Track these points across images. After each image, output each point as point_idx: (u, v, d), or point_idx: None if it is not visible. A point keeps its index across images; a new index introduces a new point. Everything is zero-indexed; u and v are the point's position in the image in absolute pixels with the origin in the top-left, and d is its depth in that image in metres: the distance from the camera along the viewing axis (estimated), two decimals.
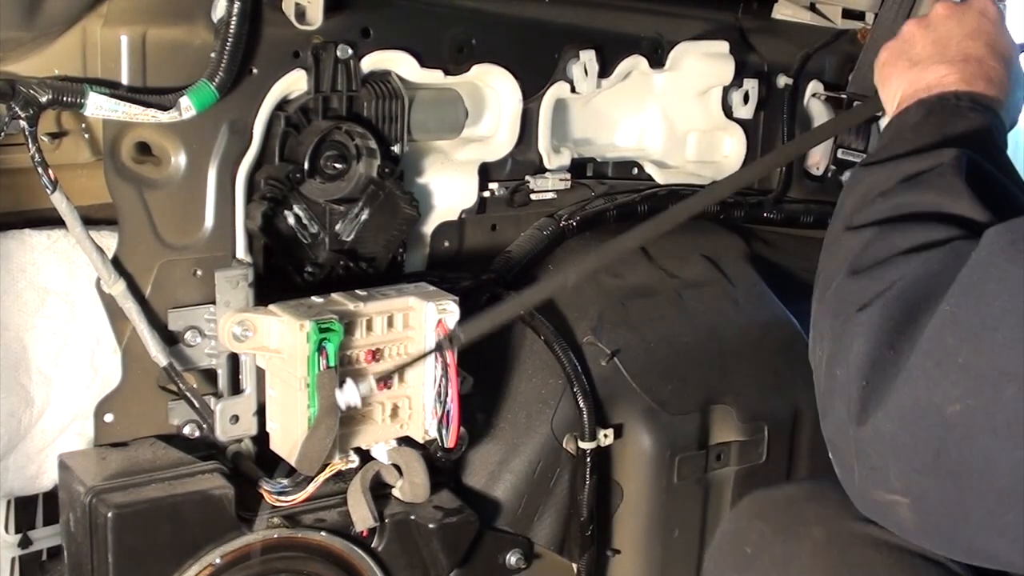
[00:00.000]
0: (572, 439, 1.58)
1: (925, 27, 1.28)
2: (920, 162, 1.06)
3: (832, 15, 1.97)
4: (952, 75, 1.18)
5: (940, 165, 1.04)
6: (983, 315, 0.85)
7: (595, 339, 1.63)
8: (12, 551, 1.49)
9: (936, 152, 1.06)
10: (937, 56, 1.22)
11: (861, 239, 1.02)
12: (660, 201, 1.78)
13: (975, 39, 1.23)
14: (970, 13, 1.27)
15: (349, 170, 1.47)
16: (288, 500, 1.39)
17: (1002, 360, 0.84)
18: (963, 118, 1.13)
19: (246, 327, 1.32)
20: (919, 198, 1.02)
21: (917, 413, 0.87)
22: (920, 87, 1.20)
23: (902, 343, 0.90)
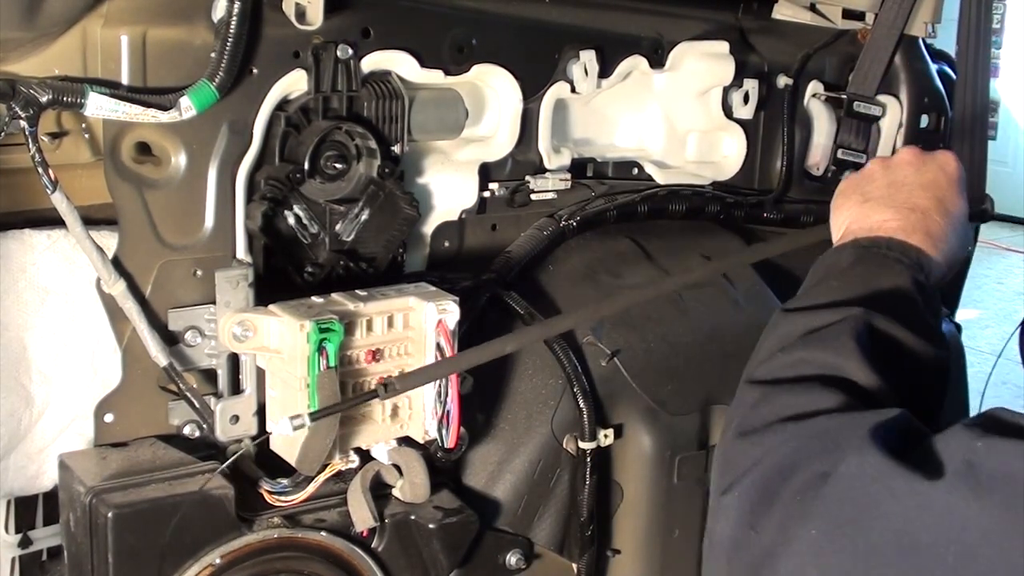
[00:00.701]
0: (572, 439, 1.58)
1: (886, 167, 1.31)
2: (827, 316, 1.07)
3: (832, 15, 1.97)
4: (894, 221, 1.21)
5: (841, 322, 1.06)
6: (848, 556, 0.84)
7: (595, 339, 1.63)
8: (12, 551, 1.49)
9: (846, 308, 1.08)
10: (887, 199, 1.25)
11: (754, 396, 1.03)
12: (660, 201, 1.78)
13: (926, 191, 1.26)
14: (930, 165, 1.30)
15: (349, 170, 1.47)
16: (288, 500, 1.39)
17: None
18: (888, 271, 1.15)
19: (246, 327, 1.32)
20: (814, 356, 1.03)
21: None
22: (864, 225, 1.23)
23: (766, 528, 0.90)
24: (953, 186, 1.29)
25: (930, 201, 1.25)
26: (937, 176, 1.29)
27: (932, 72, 2.04)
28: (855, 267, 1.17)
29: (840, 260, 1.19)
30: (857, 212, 1.27)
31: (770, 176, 1.94)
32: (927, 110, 2.03)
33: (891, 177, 1.29)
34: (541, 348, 1.59)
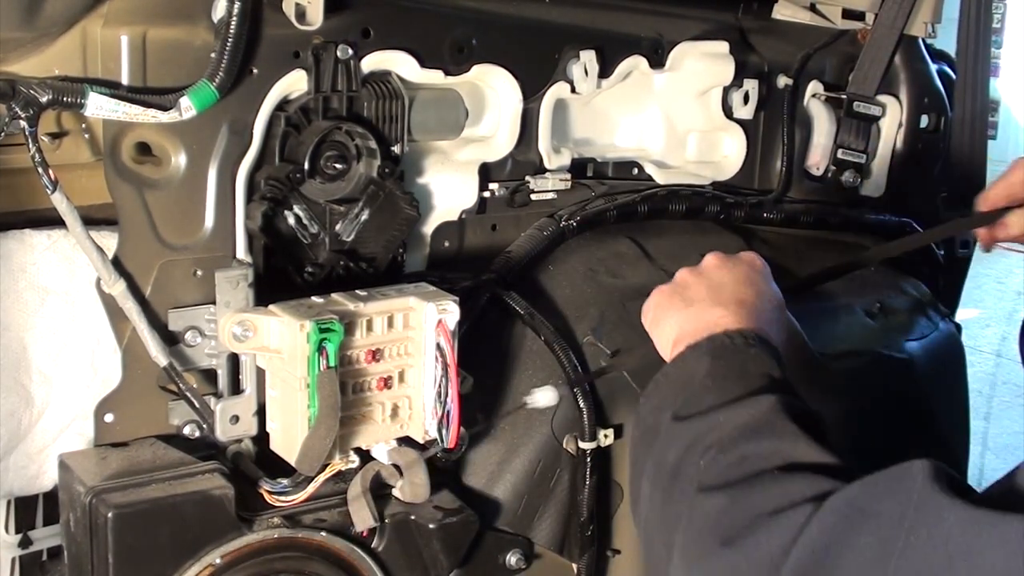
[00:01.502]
0: (572, 439, 1.58)
1: (698, 275, 1.35)
2: (741, 412, 1.08)
3: (832, 15, 1.97)
4: (728, 317, 1.25)
5: (765, 413, 1.07)
6: None
7: (595, 339, 1.63)
8: (12, 551, 1.49)
9: (751, 400, 1.09)
10: (712, 299, 1.29)
11: (718, 503, 1.01)
12: (660, 201, 1.78)
13: (747, 286, 1.32)
14: (740, 265, 1.36)
15: (349, 170, 1.48)
16: (288, 500, 1.39)
17: None
18: (750, 358, 1.17)
19: (246, 327, 1.32)
20: (759, 449, 1.03)
21: None
22: (699, 327, 1.25)
23: None
24: (765, 278, 1.37)
25: (752, 294, 1.30)
26: (748, 272, 1.35)
27: (932, 72, 2.04)
28: (717, 364, 1.17)
29: (695, 367, 1.19)
30: (684, 318, 1.29)
31: (770, 176, 1.94)
32: (927, 110, 2.03)
33: (708, 281, 1.33)
34: (541, 348, 1.59)
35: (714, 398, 1.12)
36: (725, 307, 1.27)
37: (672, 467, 1.09)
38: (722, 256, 1.39)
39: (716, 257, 1.39)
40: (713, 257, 1.39)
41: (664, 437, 1.13)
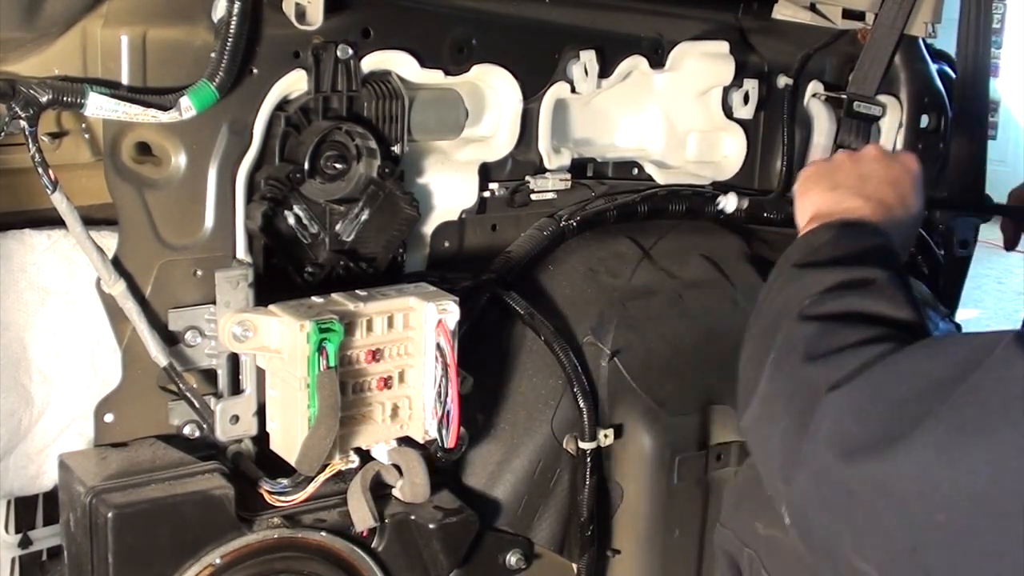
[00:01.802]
0: (572, 439, 1.58)
1: (854, 160, 1.40)
2: (855, 272, 1.16)
3: (832, 15, 1.97)
4: (864, 210, 1.30)
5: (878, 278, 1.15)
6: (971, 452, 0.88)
7: (595, 339, 1.63)
8: (12, 551, 1.49)
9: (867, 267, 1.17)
10: (856, 189, 1.33)
11: (813, 329, 1.10)
12: (660, 201, 1.78)
13: (893, 187, 1.35)
14: (897, 165, 1.39)
15: (349, 170, 1.48)
16: (288, 500, 1.39)
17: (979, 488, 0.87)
18: (871, 237, 1.25)
19: (246, 327, 1.32)
20: (863, 302, 1.11)
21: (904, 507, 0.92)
22: (834, 210, 1.31)
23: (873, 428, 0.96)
24: (915, 185, 1.37)
25: (895, 197, 1.33)
26: (901, 174, 1.37)
27: (932, 72, 2.04)
28: (840, 237, 1.24)
29: (817, 239, 1.26)
30: (826, 198, 1.34)
31: (770, 176, 1.94)
32: (927, 110, 2.03)
33: (860, 169, 1.37)
34: (541, 348, 1.59)
35: (833, 256, 1.20)
36: (865, 200, 1.31)
37: (782, 302, 1.18)
38: (883, 150, 1.43)
39: (877, 149, 1.43)
40: (874, 148, 1.43)
41: (781, 280, 1.22)
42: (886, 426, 0.94)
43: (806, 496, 1.02)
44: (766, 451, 1.12)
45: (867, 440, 0.95)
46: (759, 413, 1.14)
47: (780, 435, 1.07)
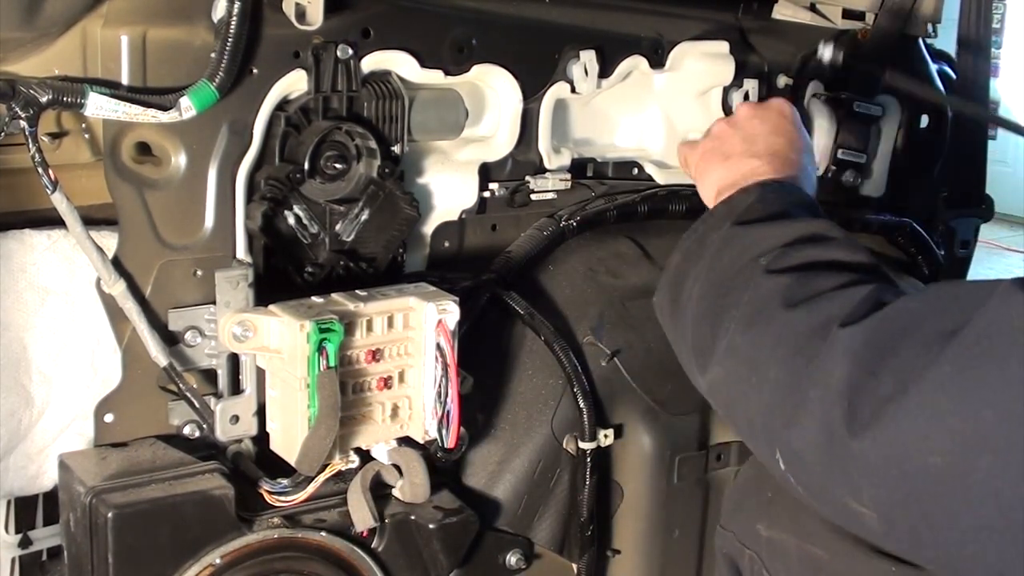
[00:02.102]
0: (572, 439, 1.58)
1: (733, 126, 1.46)
2: (804, 227, 1.20)
3: (832, 15, 1.97)
4: (764, 167, 1.37)
5: (825, 229, 1.20)
6: (982, 388, 0.89)
7: (595, 339, 1.63)
8: (12, 551, 1.49)
9: (807, 220, 1.22)
10: (747, 151, 1.41)
11: (786, 280, 1.12)
12: (660, 201, 1.78)
13: (778, 135, 1.42)
14: (771, 113, 1.45)
15: (349, 170, 1.48)
16: (288, 500, 1.39)
17: (987, 430, 0.88)
18: (789, 191, 1.31)
19: (246, 327, 1.32)
20: (828, 254, 1.15)
21: (901, 453, 0.93)
22: (737, 178, 1.36)
23: (885, 375, 0.96)
24: (794, 124, 1.47)
25: (785, 143, 1.42)
26: (779, 120, 1.45)
27: (932, 72, 2.04)
28: (764, 199, 1.29)
29: (743, 199, 1.30)
30: (723, 170, 1.40)
31: None
32: (927, 110, 2.03)
33: (741, 133, 1.44)
34: (541, 348, 1.59)
35: (769, 213, 1.24)
36: (760, 158, 1.38)
37: (730, 263, 1.20)
38: (753, 106, 1.49)
39: (748, 107, 1.49)
40: (745, 108, 1.48)
41: (719, 243, 1.23)
42: (897, 371, 0.94)
43: (809, 443, 1.01)
44: (746, 406, 1.11)
45: (878, 390, 0.95)
46: (728, 371, 1.14)
47: (769, 387, 1.06)
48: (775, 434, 1.07)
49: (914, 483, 0.92)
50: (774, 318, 1.09)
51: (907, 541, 0.98)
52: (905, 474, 0.93)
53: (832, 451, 0.99)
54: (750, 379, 1.10)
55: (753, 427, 1.12)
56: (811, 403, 1.01)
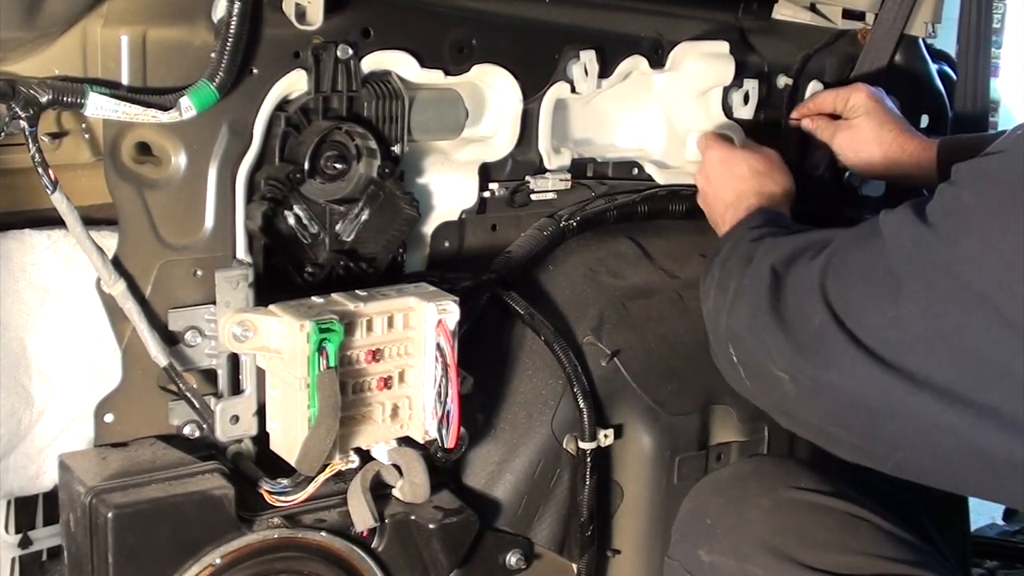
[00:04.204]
0: (572, 439, 1.58)
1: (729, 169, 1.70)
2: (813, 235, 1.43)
3: (832, 15, 1.97)
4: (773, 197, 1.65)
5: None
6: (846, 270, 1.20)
7: (595, 339, 1.63)
8: (12, 551, 1.48)
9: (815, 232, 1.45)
10: (754, 192, 1.65)
11: (753, 234, 1.42)
12: (660, 201, 1.78)
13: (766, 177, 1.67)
14: (763, 156, 1.71)
15: (349, 170, 1.48)
16: (288, 500, 1.39)
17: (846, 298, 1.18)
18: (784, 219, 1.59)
19: (246, 327, 1.32)
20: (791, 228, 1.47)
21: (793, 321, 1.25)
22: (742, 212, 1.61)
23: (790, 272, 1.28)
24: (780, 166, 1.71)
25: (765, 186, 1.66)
26: (768, 164, 1.69)
27: (932, 72, 2.04)
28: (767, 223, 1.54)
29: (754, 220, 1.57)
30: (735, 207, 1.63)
31: None
32: (927, 110, 2.03)
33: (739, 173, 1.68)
34: (541, 348, 1.59)
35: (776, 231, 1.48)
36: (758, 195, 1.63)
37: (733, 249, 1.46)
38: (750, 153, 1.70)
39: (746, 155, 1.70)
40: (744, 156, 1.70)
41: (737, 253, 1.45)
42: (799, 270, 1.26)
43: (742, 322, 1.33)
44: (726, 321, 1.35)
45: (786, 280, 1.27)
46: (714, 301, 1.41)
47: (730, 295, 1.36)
48: (727, 326, 1.34)
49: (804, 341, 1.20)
50: (739, 251, 1.40)
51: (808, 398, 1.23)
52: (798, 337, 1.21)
53: (755, 325, 1.27)
54: (720, 297, 1.37)
55: (717, 335, 1.38)
56: (745, 291, 1.31)
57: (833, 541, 1.35)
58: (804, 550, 1.34)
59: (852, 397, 1.16)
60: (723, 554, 1.39)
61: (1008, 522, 2.61)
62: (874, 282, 1.13)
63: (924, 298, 1.08)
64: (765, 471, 1.48)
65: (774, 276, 1.27)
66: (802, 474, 1.46)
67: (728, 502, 1.44)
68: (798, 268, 1.25)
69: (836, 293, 1.17)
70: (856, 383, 1.15)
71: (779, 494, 1.41)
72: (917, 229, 1.10)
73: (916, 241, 1.10)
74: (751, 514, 1.40)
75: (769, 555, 1.34)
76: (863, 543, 1.35)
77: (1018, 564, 2.38)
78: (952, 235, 1.07)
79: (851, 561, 1.32)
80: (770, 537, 1.36)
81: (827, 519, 1.38)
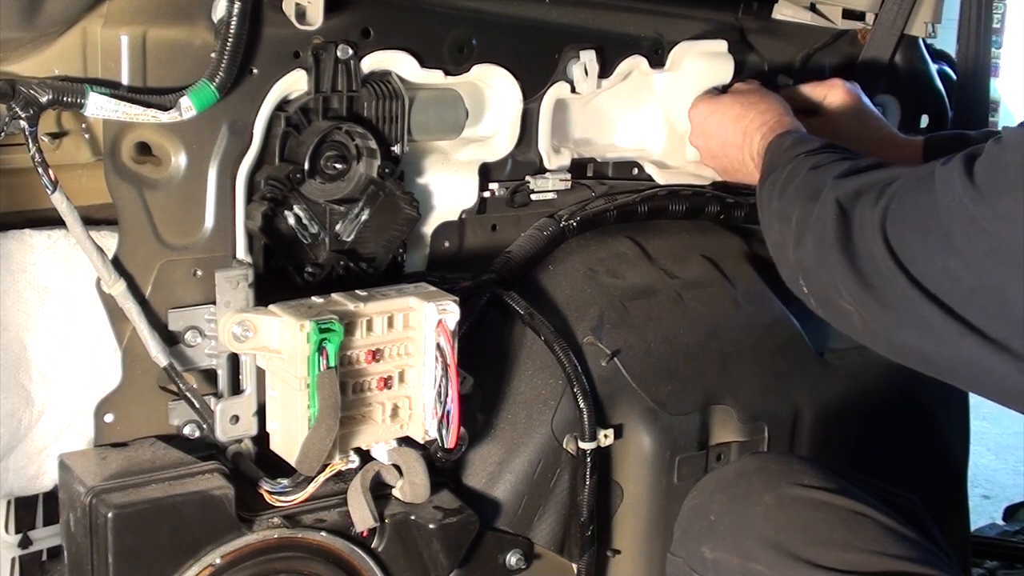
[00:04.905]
0: (572, 439, 1.58)
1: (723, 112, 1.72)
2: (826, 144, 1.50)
3: (832, 15, 1.97)
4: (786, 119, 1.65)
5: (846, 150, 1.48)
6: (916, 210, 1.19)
7: (595, 339, 1.63)
8: (12, 551, 1.48)
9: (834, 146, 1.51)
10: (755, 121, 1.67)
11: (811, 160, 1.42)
12: (660, 201, 1.78)
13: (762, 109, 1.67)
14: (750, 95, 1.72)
15: (349, 170, 1.48)
16: (288, 500, 1.39)
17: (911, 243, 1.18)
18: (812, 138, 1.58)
19: (246, 327, 1.32)
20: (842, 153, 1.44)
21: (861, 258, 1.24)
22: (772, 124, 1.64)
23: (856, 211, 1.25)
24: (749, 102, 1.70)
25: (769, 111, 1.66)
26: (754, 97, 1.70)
27: (932, 72, 2.04)
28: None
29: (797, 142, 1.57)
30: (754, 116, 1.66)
31: None
32: (927, 110, 2.03)
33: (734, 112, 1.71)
34: (541, 348, 1.59)
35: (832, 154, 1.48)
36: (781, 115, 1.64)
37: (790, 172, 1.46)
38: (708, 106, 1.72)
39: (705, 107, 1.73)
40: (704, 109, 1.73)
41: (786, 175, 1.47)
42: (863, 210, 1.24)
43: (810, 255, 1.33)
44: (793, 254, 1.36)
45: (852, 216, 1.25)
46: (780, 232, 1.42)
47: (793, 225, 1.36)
48: (796, 259, 1.34)
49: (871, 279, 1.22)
50: (800, 180, 1.40)
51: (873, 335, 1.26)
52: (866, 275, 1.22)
53: (824, 258, 1.28)
54: (785, 228, 1.38)
55: (787, 266, 1.39)
56: (812, 224, 1.30)
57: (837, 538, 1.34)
58: (808, 547, 1.33)
59: (917, 344, 1.20)
60: (726, 551, 1.39)
61: (1008, 522, 2.62)
62: (927, 232, 1.16)
63: (969, 253, 1.11)
64: (768, 468, 1.47)
65: (841, 212, 1.28)
66: (805, 471, 1.45)
67: (731, 499, 1.43)
68: (863, 208, 1.25)
69: (896, 238, 1.19)
70: (919, 327, 1.17)
71: (783, 491, 1.41)
72: (963, 184, 1.12)
73: (961, 196, 1.12)
74: (755, 511, 1.39)
75: (773, 552, 1.34)
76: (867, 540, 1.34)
77: (1018, 564, 2.38)
78: (993, 193, 1.10)
79: (855, 558, 1.31)
80: (774, 534, 1.35)
81: (831, 516, 1.37)
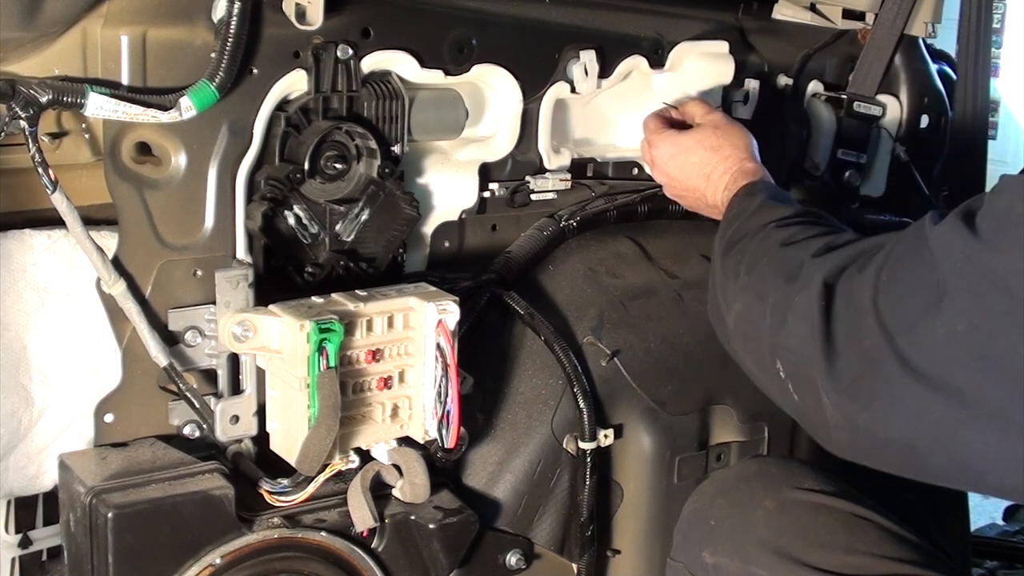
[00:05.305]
0: (572, 439, 1.58)
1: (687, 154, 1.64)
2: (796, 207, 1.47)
3: (832, 15, 1.97)
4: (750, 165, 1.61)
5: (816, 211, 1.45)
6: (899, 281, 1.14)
7: (595, 339, 1.63)
8: (12, 551, 1.48)
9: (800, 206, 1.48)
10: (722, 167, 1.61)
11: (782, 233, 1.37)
12: (660, 201, 1.78)
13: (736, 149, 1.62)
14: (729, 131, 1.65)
15: (349, 170, 1.48)
16: (288, 500, 1.39)
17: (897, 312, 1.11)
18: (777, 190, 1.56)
19: (246, 327, 1.32)
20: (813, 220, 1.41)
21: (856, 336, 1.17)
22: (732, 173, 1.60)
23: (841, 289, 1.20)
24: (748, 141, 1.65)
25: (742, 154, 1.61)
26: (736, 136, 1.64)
27: (932, 72, 2.04)
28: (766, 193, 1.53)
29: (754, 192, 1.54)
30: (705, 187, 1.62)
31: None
32: (927, 110, 2.03)
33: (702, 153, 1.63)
34: (541, 348, 1.59)
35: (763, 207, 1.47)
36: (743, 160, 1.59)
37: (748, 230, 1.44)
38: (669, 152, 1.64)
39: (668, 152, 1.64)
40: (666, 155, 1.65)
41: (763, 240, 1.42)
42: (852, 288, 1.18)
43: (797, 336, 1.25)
44: (757, 330, 1.31)
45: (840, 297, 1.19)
46: (743, 305, 1.36)
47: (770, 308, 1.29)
48: (775, 343, 1.27)
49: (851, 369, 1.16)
50: (773, 256, 1.33)
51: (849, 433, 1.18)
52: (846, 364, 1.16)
53: (809, 344, 1.20)
54: (758, 307, 1.31)
55: (761, 348, 1.30)
56: (795, 307, 1.23)
57: (837, 542, 1.34)
58: (808, 551, 1.33)
59: (898, 432, 1.12)
60: (727, 555, 1.39)
61: (1008, 522, 2.62)
62: (924, 297, 1.08)
63: (976, 313, 1.03)
64: (769, 472, 1.47)
65: (827, 293, 1.20)
66: (805, 475, 1.45)
67: (732, 503, 1.43)
68: (850, 283, 1.19)
69: (887, 310, 1.12)
70: (903, 414, 1.09)
71: (783, 495, 1.40)
72: (967, 241, 1.05)
73: (966, 253, 1.05)
74: (755, 515, 1.39)
75: (773, 556, 1.34)
76: (867, 543, 1.35)
77: (1018, 564, 2.38)
78: (1004, 247, 1.03)
79: (856, 561, 1.31)
80: (774, 538, 1.35)
81: (831, 520, 1.37)
